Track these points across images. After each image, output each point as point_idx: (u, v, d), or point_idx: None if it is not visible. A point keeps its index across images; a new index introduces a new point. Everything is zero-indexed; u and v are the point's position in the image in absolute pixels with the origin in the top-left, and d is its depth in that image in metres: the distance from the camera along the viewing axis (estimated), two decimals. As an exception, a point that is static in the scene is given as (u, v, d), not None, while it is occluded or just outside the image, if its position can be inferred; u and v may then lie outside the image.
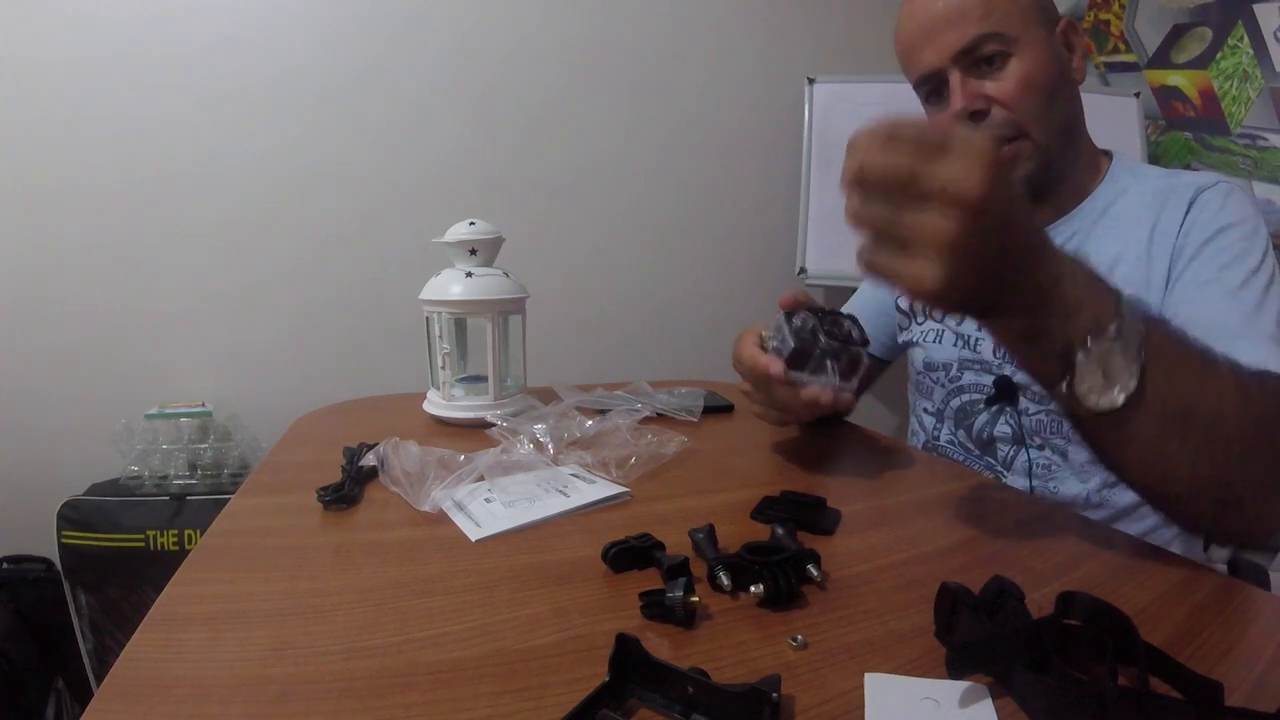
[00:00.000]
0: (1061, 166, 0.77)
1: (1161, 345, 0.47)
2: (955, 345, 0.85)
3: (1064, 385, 0.47)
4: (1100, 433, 0.49)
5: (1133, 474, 0.51)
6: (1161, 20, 1.84)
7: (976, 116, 0.74)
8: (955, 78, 0.73)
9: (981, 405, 0.82)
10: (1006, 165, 0.48)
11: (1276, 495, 0.50)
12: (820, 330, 0.64)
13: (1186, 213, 0.70)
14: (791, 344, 0.63)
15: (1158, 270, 0.70)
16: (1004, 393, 0.79)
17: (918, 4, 0.76)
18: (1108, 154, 0.82)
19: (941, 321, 0.88)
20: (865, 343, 0.66)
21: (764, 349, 0.68)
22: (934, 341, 0.88)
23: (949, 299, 0.45)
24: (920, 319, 0.91)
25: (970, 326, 0.84)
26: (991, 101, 0.73)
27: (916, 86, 0.79)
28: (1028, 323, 0.47)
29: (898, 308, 0.95)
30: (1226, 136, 1.74)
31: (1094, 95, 1.89)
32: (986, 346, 0.82)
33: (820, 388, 0.63)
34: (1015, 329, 0.48)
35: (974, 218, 0.42)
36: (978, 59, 0.73)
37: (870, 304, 1.00)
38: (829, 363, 0.62)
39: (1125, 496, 0.74)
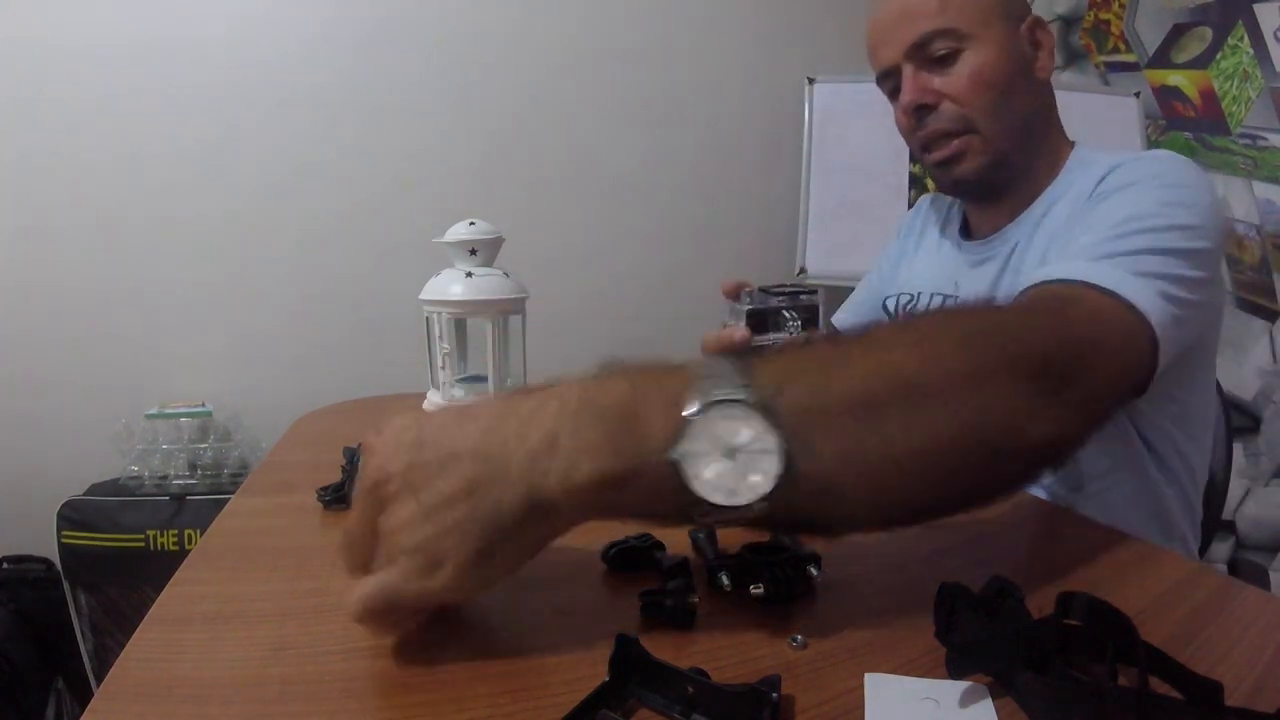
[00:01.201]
0: (1017, 164, 0.76)
1: (775, 369, 0.37)
2: None
3: (703, 506, 0.34)
4: (792, 519, 0.39)
5: (868, 524, 0.41)
6: (1161, 20, 1.84)
7: (923, 110, 0.74)
8: (908, 71, 0.74)
9: None
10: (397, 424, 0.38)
11: (1018, 428, 0.40)
12: (769, 293, 0.66)
13: (1100, 180, 0.67)
14: (745, 308, 0.66)
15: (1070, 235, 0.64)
16: None
17: (878, 2, 0.78)
18: (1071, 146, 0.79)
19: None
20: (814, 291, 0.68)
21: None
22: None
23: (440, 553, 0.34)
24: (905, 312, 0.90)
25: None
26: (941, 96, 0.73)
27: (879, 83, 0.80)
28: (586, 476, 0.34)
29: (884, 309, 0.94)
30: (1227, 136, 1.74)
31: (1094, 95, 1.89)
32: None
33: (736, 327, 0.65)
34: (578, 488, 0.34)
35: (375, 490, 0.36)
36: (929, 55, 0.73)
37: (864, 306, 1.00)
38: (786, 313, 0.64)
39: (1117, 494, 0.73)
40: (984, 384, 0.39)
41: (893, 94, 0.79)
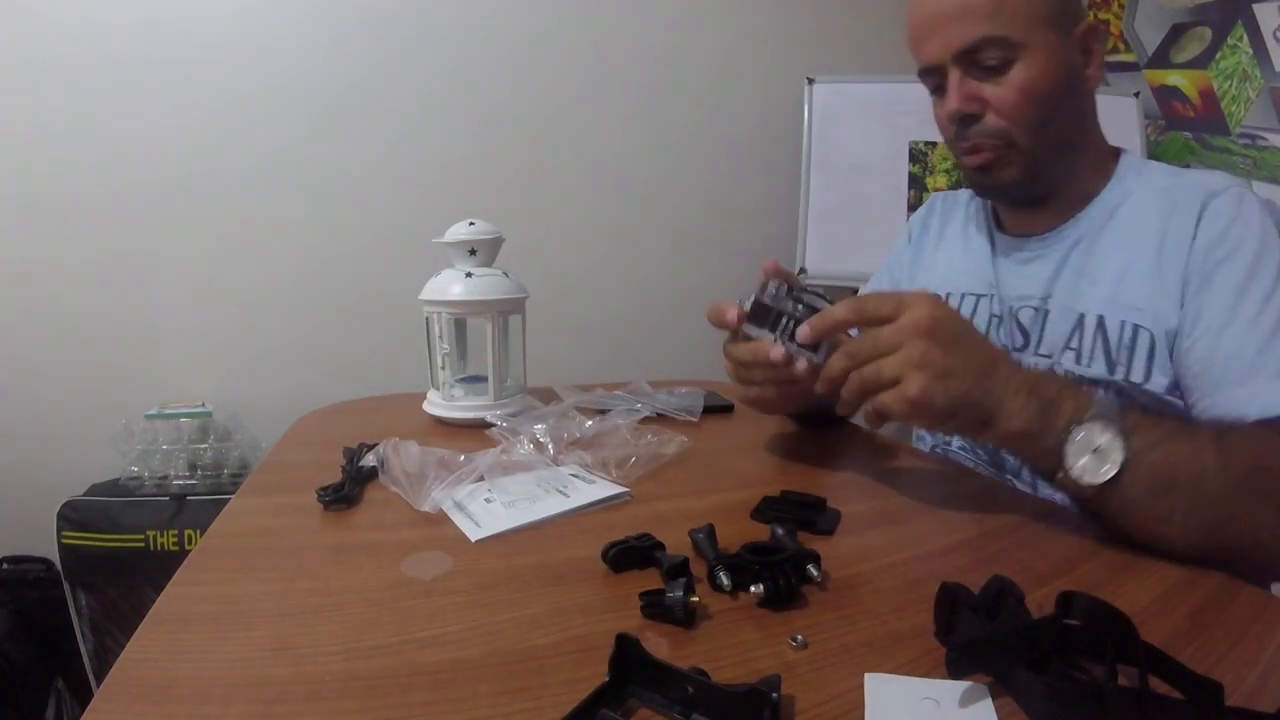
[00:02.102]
0: (1057, 175, 0.75)
1: (1139, 422, 0.53)
2: None
3: (1061, 472, 0.54)
4: (1099, 505, 0.54)
5: (1132, 536, 0.54)
6: (1161, 20, 1.84)
7: (968, 120, 0.73)
8: (954, 76, 0.72)
9: None
10: (947, 305, 0.58)
11: (1261, 544, 0.53)
12: (787, 295, 0.64)
13: (1198, 223, 0.68)
14: (753, 298, 0.64)
15: (1171, 283, 0.68)
16: None
17: None
18: (1116, 153, 0.80)
19: None
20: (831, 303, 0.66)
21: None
22: None
23: (940, 405, 0.54)
24: None
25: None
26: (986, 106, 0.71)
27: (920, 76, 0.77)
28: (1023, 425, 0.54)
29: None
30: (1226, 136, 1.74)
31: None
32: (1005, 331, 0.80)
33: (770, 342, 0.63)
34: (1013, 432, 0.55)
35: (929, 337, 0.54)
36: (979, 62, 0.70)
37: None
38: (785, 322, 0.63)
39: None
40: (1256, 520, 0.53)
41: (935, 90, 0.77)
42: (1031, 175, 0.74)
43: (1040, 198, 0.77)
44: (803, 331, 0.61)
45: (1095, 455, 0.52)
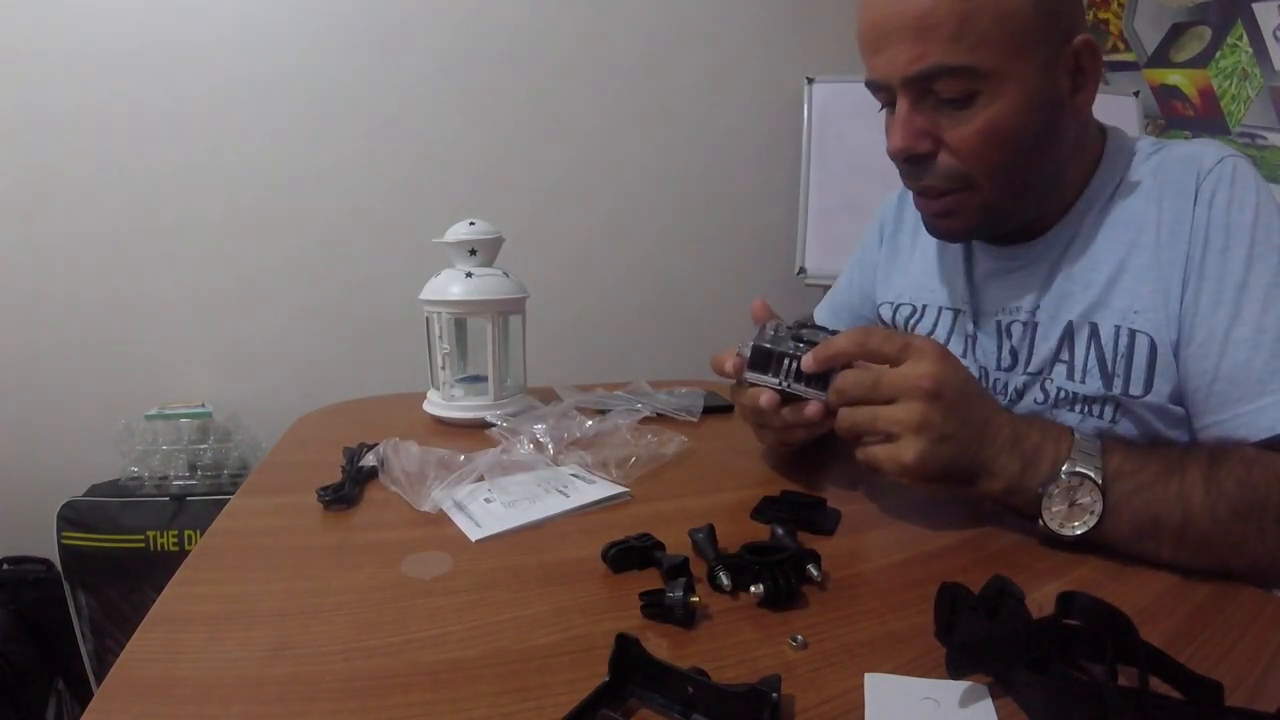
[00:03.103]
0: (1026, 212, 0.67)
1: (1120, 468, 0.52)
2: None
3: (1040, 521, 0.53)
4: (1084, 545, 0.53)
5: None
6: (1161, 19, 1.84)
7: (914, 161, 0.62)
8: (903, 106, 0.60)
9: None
10: (953, 360, 0.55)
11: (1258, 567, 0.52)
12: (787, 334, 0.61)
13: (1193, 206, 0.61)
14: (753, 344, 0.61)
15: (1173, 278, 0.61)
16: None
17: None
18: (1102, 134, 0.69)
19: (931, 333, 0.80)
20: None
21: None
22: None
23: (932, 471, 0.53)
24: (907, 328, 0.83)
25: (954, 351, 0.71)
26: (939, 145, 0.61)
27: (869, 87, 0.65)
28: (1004, 484, 0.54)
29: (880, 317, 0.88)
30: (1226, 135, 1.74)
31: (1094, 95, 1.89)
32: (982, 351, 0.75)
33: (760, 391, 0.60)
34: (995, 491, 0.54)
35: (931, 400, 0.52)
36: (934, 94, 0.59)
37: (844, 310, 0.95)
38: (788, 364, 0.59)
39: None
40: (1248, 550, 0.51)
41: (885, 105, 0.66)
42: (995, 220, 0.66)
43: (1007, 234, 0.70)
44: (806, 362, 0.58)
45: (1073, 508, 0.52)
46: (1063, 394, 0.66)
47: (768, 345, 0.60)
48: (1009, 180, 0.62)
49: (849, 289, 0.95)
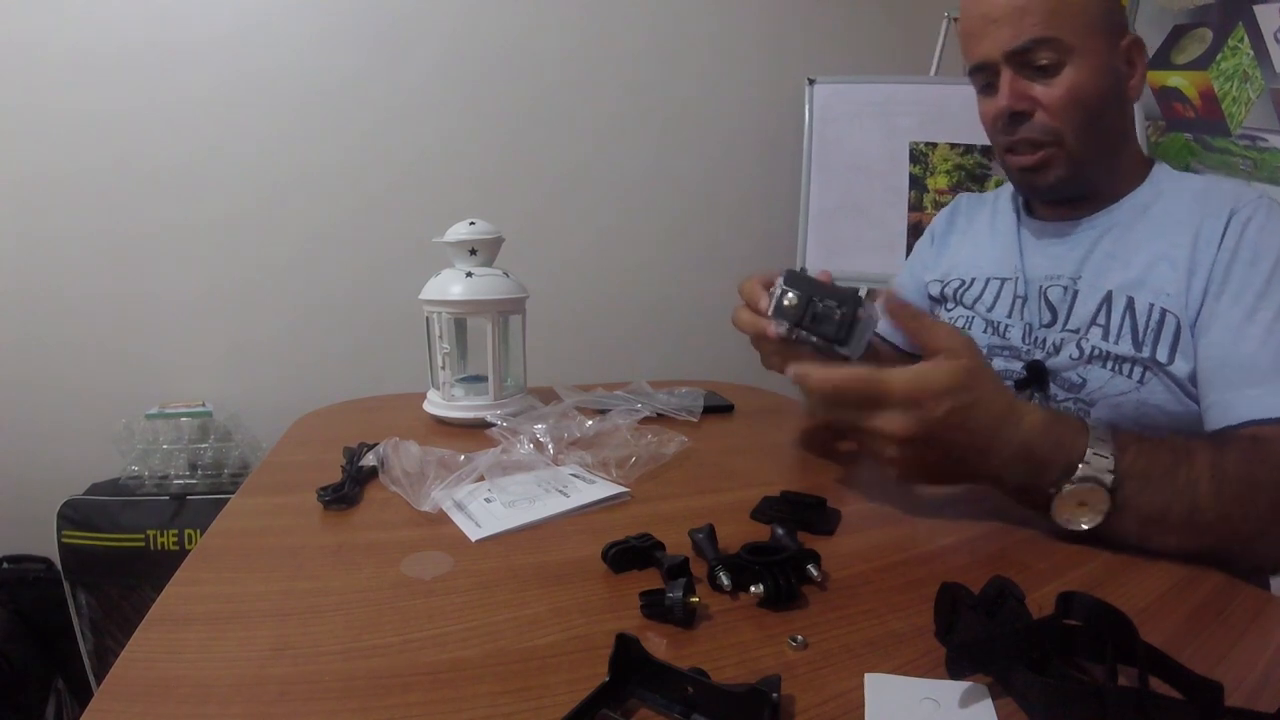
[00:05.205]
0: (1098, 177, 0.77)
1: (1132, 466, 0.53)
2: (985, 332, 0.85)
3: (1049, 519, 0.55)
4: (1092, 538, 0.55)
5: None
6: (1162, 21, 1.84)
7: (1017, 118, 0.74)
8: (1006, 75, 0.73)
9: (1012, 388, 0.81)
10: (954, 393, 0.54)
11: (1260, 552, 0.56)
12: (810, 286, 0.63)
13: (1226, 225, 0.70)
14: (781, 301, 0.63)
15: (1197, 282, 0.70)
16: (1035, 377, 0.78)
17: None
18: (1150, 162, 0.82)
19: (971, 308, 0.87)
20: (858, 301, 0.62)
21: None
22: (963, 328, 0.87)
23: (915, 481, 0.58)
24: (950, 305, 0.91)
25: (1000, 312, 0.84)
26: (1036, 105, 0.73)
27: (970, 74, 0.79)
28: (1011, 484, 0.56)
29: (929, 295, 0.95)
30: (1227, 138, 1.74)
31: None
32: (1015, 332, 0.82)
33: (809, 364, 0.59)
34: (1005, 490, 0.57)
35: (908, 446, 0.54)
36: (1030, 62, 0.72)
37: (903, 293, 0.99)
38: (826, 308, 0.60)
39: None
40: (1251, 532, 0.54)
41: (983, 88, 0.79)
42: (1076, 176, 0.75)
43: (1080, 197, 0.79)
44: (817, 382, 0.56)
45: (1081, 507, 0.54)
46: (1096, 351, 0.73)
47: (792, 302, 0.63)
48: (1088, 138, 0.74)
49: (905, 287, 1.02)
